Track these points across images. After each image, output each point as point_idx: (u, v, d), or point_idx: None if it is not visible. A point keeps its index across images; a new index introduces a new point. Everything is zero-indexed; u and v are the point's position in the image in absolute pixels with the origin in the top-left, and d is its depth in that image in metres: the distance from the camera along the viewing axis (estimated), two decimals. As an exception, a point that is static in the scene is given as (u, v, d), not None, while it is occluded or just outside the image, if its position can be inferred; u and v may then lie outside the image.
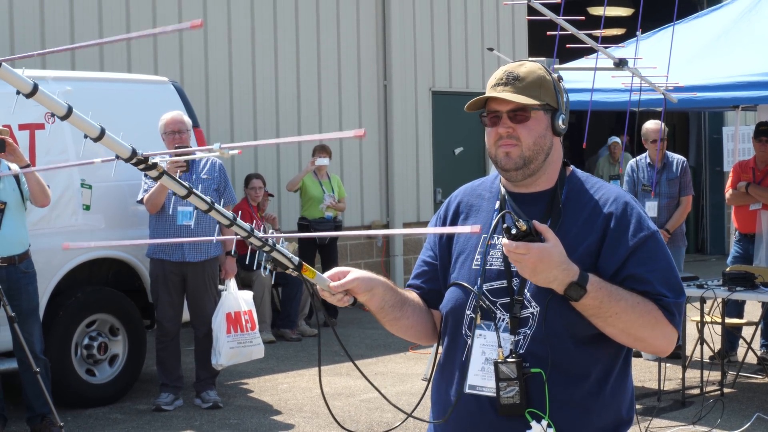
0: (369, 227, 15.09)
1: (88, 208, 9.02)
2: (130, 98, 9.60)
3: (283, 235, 2.76)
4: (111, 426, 8.47)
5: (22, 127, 8.61)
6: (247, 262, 2.86)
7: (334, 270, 2.96)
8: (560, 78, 3.11)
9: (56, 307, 8.85)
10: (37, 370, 7.53)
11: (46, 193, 8.03)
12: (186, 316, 9.14)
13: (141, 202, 8.90)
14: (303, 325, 12.42)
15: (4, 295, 7.64)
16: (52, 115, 2.37)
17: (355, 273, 2.95)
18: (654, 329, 2.93)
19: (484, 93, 3.07)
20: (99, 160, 2.69)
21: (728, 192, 10.49)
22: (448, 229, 3.13)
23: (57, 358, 8.50)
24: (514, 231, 2.83)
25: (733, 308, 10.27)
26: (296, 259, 2.79)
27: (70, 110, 2.34)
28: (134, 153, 2.44)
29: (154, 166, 2.48)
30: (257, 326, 9.12)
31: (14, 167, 7.86)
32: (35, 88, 2.29)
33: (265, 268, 2.80)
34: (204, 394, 9.02)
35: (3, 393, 8.15)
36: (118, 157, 2.47)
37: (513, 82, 3.01)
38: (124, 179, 9.08)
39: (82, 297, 9.03)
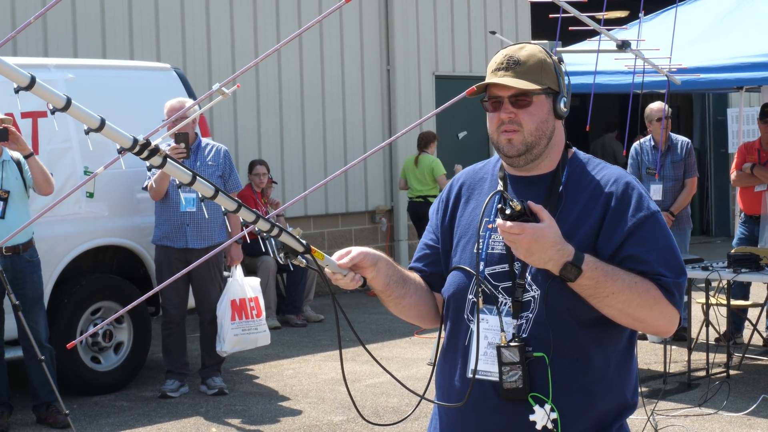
0: (373, 213, 15.09)
1: (91, 195, 9.01)
2: (132, 85, 9.59)
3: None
4: (117, 413, 8.48)
5: (24, 115, 8.61)
6: (263, 250, 2.86)
7: (338, 253, 2.96)
8: (561, 60, 3.09)
9: (61, 295, 8.85)
10: (42, 358, 7.54)
11: (50, 181, 8.02)
12: (192, 302, 9.14)
13: (146, 189, 8.89)
14: (308, 310, 12.43)
15: (9, 284, 7.64)
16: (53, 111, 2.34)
17: (358, 248, 2.97)
18: (653, 309, 2.90)
19: (486, 77, 3.05)
20: (102, 168, 2.67)
21: (733, 173, 10.47)
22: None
23: (62, 346, 8.49)
24: (508, 211, 2.82)
25: (739, 290, 10.26)
26: (304, 242, 2.80)
27: (69, 102, 2.32)
28: (135, 142, 2.42)
29: (157, 151, 2.46)
30: (263, 313, 9.10)
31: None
32: (33, 80, 2.27)
33: (281, 258, 2.81)
34: (209, 380, 9.03)
35: (8, 381, 8.16)
36: (120, 150, 2.46)
37: (514, 66, 2.98)
38: (128, 166, 9.06)
39: (86, 285, 9.03)
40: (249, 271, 11.32)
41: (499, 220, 2.83)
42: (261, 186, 12.18)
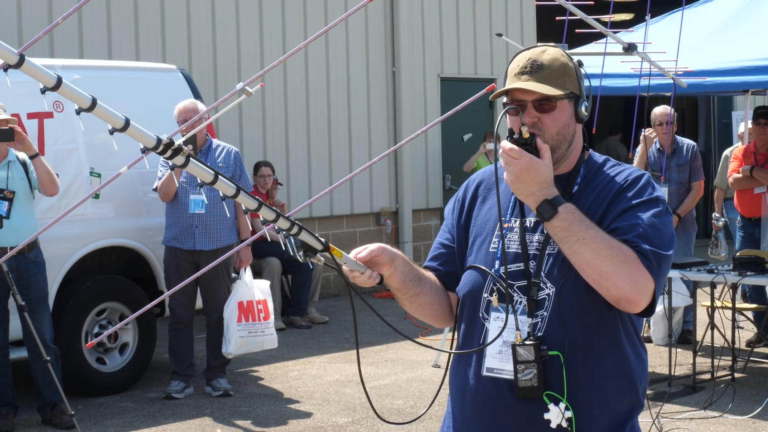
0: (378, 215, 15.08)
1: (97, 196, 9.01)
2: (138, 86, 9.58)
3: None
4: (121, 414, 8.48)
5: (30, 116, 8.61)
6: (282, 248, 2.86)
7: (355, 250, 2.98)
8: (580, 63, 3.09)
9: (66, 295, 8.85)
10: (48, 358, 7.54)
11: (55, 182, 8.02)
12: (199, 303, 9.14)
13: (156, 190, 8.90)
14: (313, 312, 12.43)
15: (14, 284, 7.64)
16: (74, 110, 2.34)
17: (376, 244, 3.01)
18: (620, 266, 2.83)
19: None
20: (125, 168, 2.68)
21: (731, 177, 10.46)
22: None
23: (67, 347, 8.50)
24: (516, 135, 2.89)
25: (757, 293, 10.29)
26: (323, 240, 2.81)
27: (94, 102, 2.33)
28: (159, 141, 2.44)
29: (180, 151, 2.47)
30: (272, 316, 9.08)
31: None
32: (59, 81, 2.27)
33: (300, 256, 2.82)
34: (214, 381, 9.02)
35: (13, 382, 8.15)
36: (144, 150, 2.47)
37: (537, 70, 2.99)
38: (134, 167, 9.04)
39: (92, 285, 9.02)
40: (254, 273, 11.32)
41: (505, 141, 2.89)
42: (266, 187, 12.19)
